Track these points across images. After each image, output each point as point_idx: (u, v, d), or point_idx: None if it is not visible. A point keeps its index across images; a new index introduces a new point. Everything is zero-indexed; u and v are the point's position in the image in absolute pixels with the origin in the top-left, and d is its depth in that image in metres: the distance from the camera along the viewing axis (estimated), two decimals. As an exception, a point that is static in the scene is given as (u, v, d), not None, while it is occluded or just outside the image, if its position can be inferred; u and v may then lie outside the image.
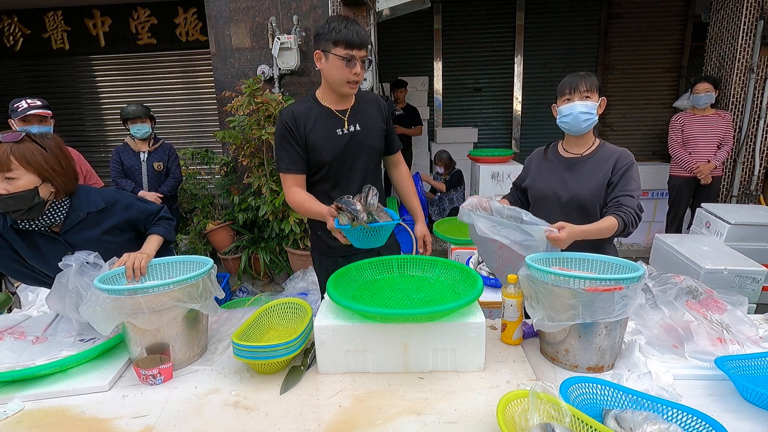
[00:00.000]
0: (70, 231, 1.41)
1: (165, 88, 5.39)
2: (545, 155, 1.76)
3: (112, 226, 1.47)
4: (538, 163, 1.77)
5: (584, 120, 1.58)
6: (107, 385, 1.18)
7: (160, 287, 1.19)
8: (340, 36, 1.44)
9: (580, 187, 1.58)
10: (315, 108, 1.61)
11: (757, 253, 2.73)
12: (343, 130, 1.61)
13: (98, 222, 1.45)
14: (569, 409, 0.85)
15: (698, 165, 3.56)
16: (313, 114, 1.59)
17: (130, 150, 3.31)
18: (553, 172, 1.68)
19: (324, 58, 1.51)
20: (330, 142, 1.59)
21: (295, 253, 3.64)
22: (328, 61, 1.50)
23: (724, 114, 3.58)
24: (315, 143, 1.58)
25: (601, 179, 1.57)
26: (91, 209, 1.43)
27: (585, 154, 1.64)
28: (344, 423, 1.02)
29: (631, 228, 1.48)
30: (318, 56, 1.52)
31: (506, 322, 1.32)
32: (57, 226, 1.40)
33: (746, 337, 1.23)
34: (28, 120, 2.34)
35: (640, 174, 1.58)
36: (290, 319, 1.42)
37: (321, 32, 1.49)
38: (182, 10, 5.03)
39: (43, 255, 1.40)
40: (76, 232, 1.41)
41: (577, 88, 1.57)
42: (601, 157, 1.61)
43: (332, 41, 1.46)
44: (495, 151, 4.58)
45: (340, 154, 1.61)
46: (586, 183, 1.59)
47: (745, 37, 3.71)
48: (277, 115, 3.27)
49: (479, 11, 5.88)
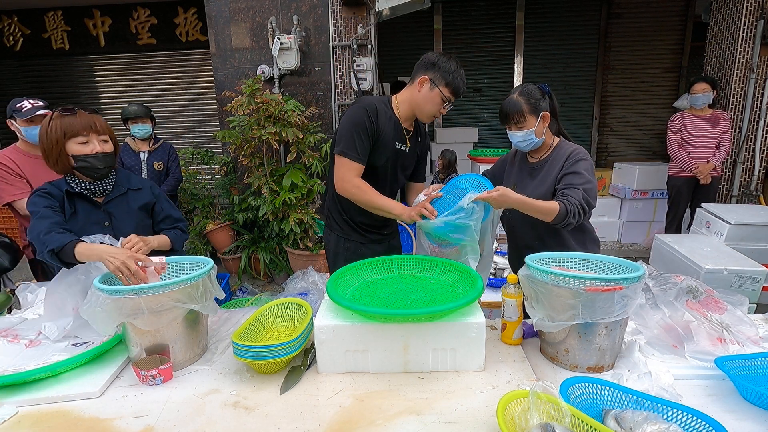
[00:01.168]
0: (111, 202, 1.57)
1: (165, 88, 5.40)
2: (513, 159, 1.83)
3: (144, 203, 1.63)
4: (509, 166, 1.84)
5: (525, 146, 1.65)
6: (98, 392, 1.16)
7: (159, 288, 1.19)
8: (455, 82, 1.58)
9: (537, 191, 1.62)
10: (390, 113, 1.68)
11: (757, 253, 2.73)
12: (401, 146, 1.70)
13: (135, 199, 1.61)
14: (569, 409, 0.85)
15: (698, 165, 3.56)
16: (387, 117, 1.67)
17: (130, 150, 3.31)
18: (519, 178, 1.74)
19: (428, 86, 1.59)
20: (388, 151, 1.67)
21: (295, 253, 3.64)
22: (430, 92, 1.59)
23: (722, 114, 3.59)
24: (379, 145, 1.65)
25: (552, 180, 1.60)
26: (132, 186, 1.62)
27: (542, 158, 1.69)
28: (344, 423, 1.02)
29: (573, 218, 1.46)
30: (423, 80, 1.59)
31: (506, 322, 1.32)
32: (101, 196, 1.56)
33: (746, 337, 1.23)
34: (33, 121, 2.34)
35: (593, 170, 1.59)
36: (290, 319, 1.42)
37: (438, 64, 1.57)
38: (182, 10, 5.03)
39: (81, 220, 1.52)
40: (115, 204, 1.57)
41: (508, 120, 1.63)
42: (554, 159, 1.64)
43: (446, 82, 1.57)
44: (495, 151, 4.58)
45: (389, 165, 1.70)
46: (542, 186, 1.63)
47: (745, 37, 3.71)
48: (278, 115, 3.28)
49: (479, 11, 5.88)
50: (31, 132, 2.36)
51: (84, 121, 1.45)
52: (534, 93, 1.61)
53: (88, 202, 1.53)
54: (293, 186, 3.45)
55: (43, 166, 2.40)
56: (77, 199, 1.52)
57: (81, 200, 1.53)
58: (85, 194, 1.52)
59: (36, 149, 2.43)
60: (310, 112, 3.55)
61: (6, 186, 2.32)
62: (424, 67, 1.60)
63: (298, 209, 3.47)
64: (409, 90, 1.66)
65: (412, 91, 1.64)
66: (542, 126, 1.61)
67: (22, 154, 2.40)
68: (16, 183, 2.34)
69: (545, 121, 1.61)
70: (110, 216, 1.55)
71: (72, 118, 1.45)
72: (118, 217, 1.56)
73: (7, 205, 2.37)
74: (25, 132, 2.35)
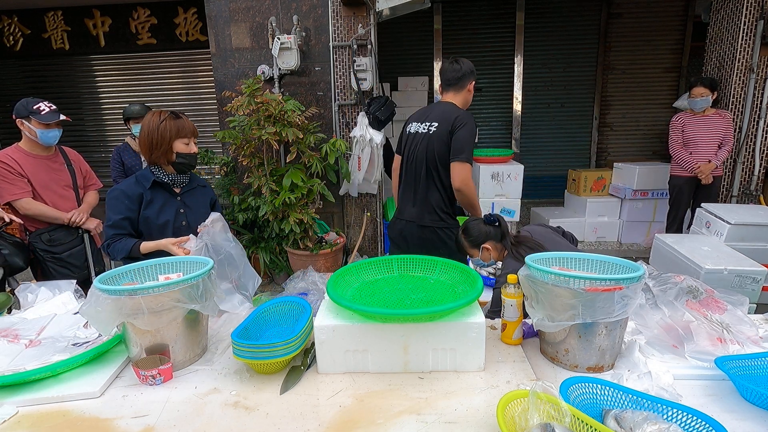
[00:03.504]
0: (186, 194, 1.85)
1: (165, 88, 5.40)
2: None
3: (209, 198, 1.95)
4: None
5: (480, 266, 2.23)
6: (98, 392, 1.16)
7: (160, 288, 1.19)
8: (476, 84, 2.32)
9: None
10: None
11: (757, 253, 2.73)
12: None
13: (202, 194, 1.92)
14: (569, 409, 0.85)
15: (699, 165, 3.56)
16: None
17: (130, 150, 3.31)
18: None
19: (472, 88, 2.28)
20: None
21: (295, 253, 3.64)
22: (471, 93, 2.29)
23: (724, 114, 3.58)
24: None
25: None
26: (200, 183, 1.93)
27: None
28: (344, 423, 1.02)
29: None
30: (471, 85, 2.26)
31: (506, 322, 1.32)
32: (179, 187, 1.82)
33: (746, 337, 1.23)
34: (50, 125, 2.35)
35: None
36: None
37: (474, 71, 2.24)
38: (182, 10, 5.03)
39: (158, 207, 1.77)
40: (189, 196, 1.85)
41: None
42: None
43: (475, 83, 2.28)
44: (495, 151, 4.58)
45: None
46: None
47: (745, 37, 3.71)
48: (278, 115, 3.27)
49: (479, 11, 5.88)
50: (47, 135, 2.37)
51: (189, 126, 1.76)
52: (473, 230, 1.92)
53: (168, 192, 1.79)
54: (293, 186, 3.44)
55: (45, 166, 2.44)
56: (158, 189, 1.77)
57: (162, 190, 1.78)
58: (169, 184, 1.79)
59: (39, 150, 2.43)
60: (310, 112, 3.55)
61: (7, 185, 2.32)
62: (471, 74, 2.22)
63: (298, 209, 3.47)
64: (463, 94, 2.25)
65: (466, 94, 2.26)
66: (487, 254, 1.90)
67: (25, 153, 2.40)
68: (17, 182, 2.34)
69: (486, 250, 1.90)
70: (185, 204, 1.83)
71: (181, 122, 1.73)
72: (191, 206, 1.84)
73: (7, 204, 2.37)
74: (41, 134, 2.35)
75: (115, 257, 1.70)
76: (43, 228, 2.43)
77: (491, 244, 1.89)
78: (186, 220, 1.82)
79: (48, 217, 2.41)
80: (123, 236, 1.71)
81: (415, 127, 2.31)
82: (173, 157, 1.74)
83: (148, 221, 1.74)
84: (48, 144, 2.42)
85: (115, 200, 1.71)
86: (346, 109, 3.88)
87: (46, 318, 1.51)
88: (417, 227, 2.29)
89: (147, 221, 1.74)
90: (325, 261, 3.61)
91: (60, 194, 2.48)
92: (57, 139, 2.43)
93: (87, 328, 1.42)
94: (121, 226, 1.71)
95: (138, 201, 1.73)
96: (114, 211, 1.71)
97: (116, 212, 1.71)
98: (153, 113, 1.72)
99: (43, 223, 2.43)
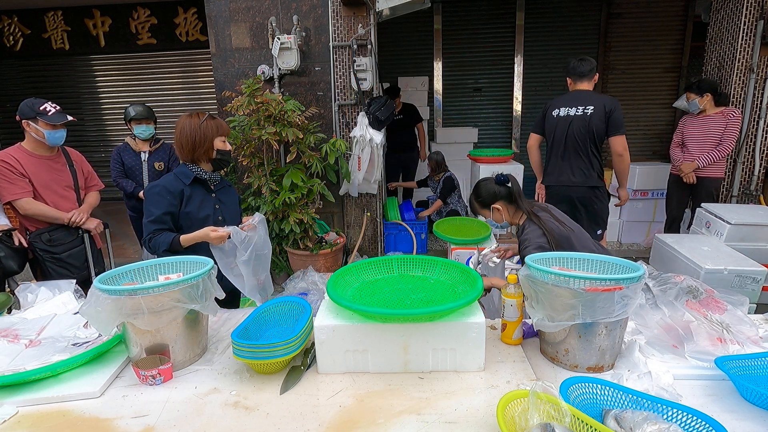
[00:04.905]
0: (219, 191, 1.94)
1: (165, 88, 5.40)
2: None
3: (237, 197, 2.06)
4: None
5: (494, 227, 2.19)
6: (98, 392, 1.16)
7: (160, 288, 1.19)
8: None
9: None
10: None
11: (757, 253, 2.73)
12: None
13: (231, 192, 2.02)
14: (569, 409, 0.85)
15: (681, 164, 3.60)
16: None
17: (130, 150, 3.31)
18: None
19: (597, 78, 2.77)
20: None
21: (295, 253, 3.64)
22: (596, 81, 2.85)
23: (728, 113, 3.49)
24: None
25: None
26: (226, 183, 2.02)
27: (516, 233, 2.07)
28: (344, 423, 1.02)
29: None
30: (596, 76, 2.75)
31: (506, 322, 1.32)
32: (213, 184, 1.91)
33: (746, 337, 1.23)
34: (57, 126, 2.35)
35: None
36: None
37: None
38: (182, 10, 5.04)
39: (197, 203, 1.84)
40: (222, 193, 1.95)
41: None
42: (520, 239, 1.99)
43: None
44: (495, 151, 4.58)
45: None
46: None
47: (745, 37, 3.71)
48: (278, 115, 3.28)
49: (479, 11, 5.88)
50: (54, 135, 2.38)
51: (225, 125, 1.88)
52: (482, 190, 1.91)
53: (205, 189, 1.88)
54: (293, 186, 3.44)
55: (47, 166, 2.44)
56: (197, 186, 1.85)
57: (200, 187, 1.86)
58: (206, 181, 1.87)
59: (43, 150, 2.43)
60: (310, 112, 3.55)
61: (8, 185, 2.32)
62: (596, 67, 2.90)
63: (298, 209, 3.47)
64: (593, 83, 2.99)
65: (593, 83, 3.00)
66: (498, 214, 1.90)
67: (28, 154, 2.39)
68: (18, 182, 2.34)
69: (497, 211, 1.90)
70: (220, 201, 1.93)
71: (218, 121, 1.85)
72: (225, 203, 1.94)
73: (8, 204, 2.37)
74: (49, 135, 2.35)
75: (156, 251, 1.74)
76: (43, 228, 2.43)
77: (502, 204, 1.87)
78: (222, 215, 1.91)
79: (48, 217, 2.41)
80: (164, 231, 1.76)
81: (565, 111, 2.90)
82: (213, 154, 1.84)
83: (190, 216, 1.81)
84: (55, 144, 2.42)
85: (157, 196, 1.76)
86: (346, 109, 3.88)
87: (46, 318, 1.51)
88: (586, 189, 2.86)
89: (188, 216, 1.81)
90: (325, 261, 3.61)
91: (61, 194, 2.48)
92: (63, 139, 2.44)
93: (87, 328, 1.42)
94: (163, 221, 1.75)
95: (179, 197, 1.79)
96: (156, 206, 1.75)
97: (158, 207, 1.75)
98: (190, 116, 1.82)
99: (43, 223, 2.43)
